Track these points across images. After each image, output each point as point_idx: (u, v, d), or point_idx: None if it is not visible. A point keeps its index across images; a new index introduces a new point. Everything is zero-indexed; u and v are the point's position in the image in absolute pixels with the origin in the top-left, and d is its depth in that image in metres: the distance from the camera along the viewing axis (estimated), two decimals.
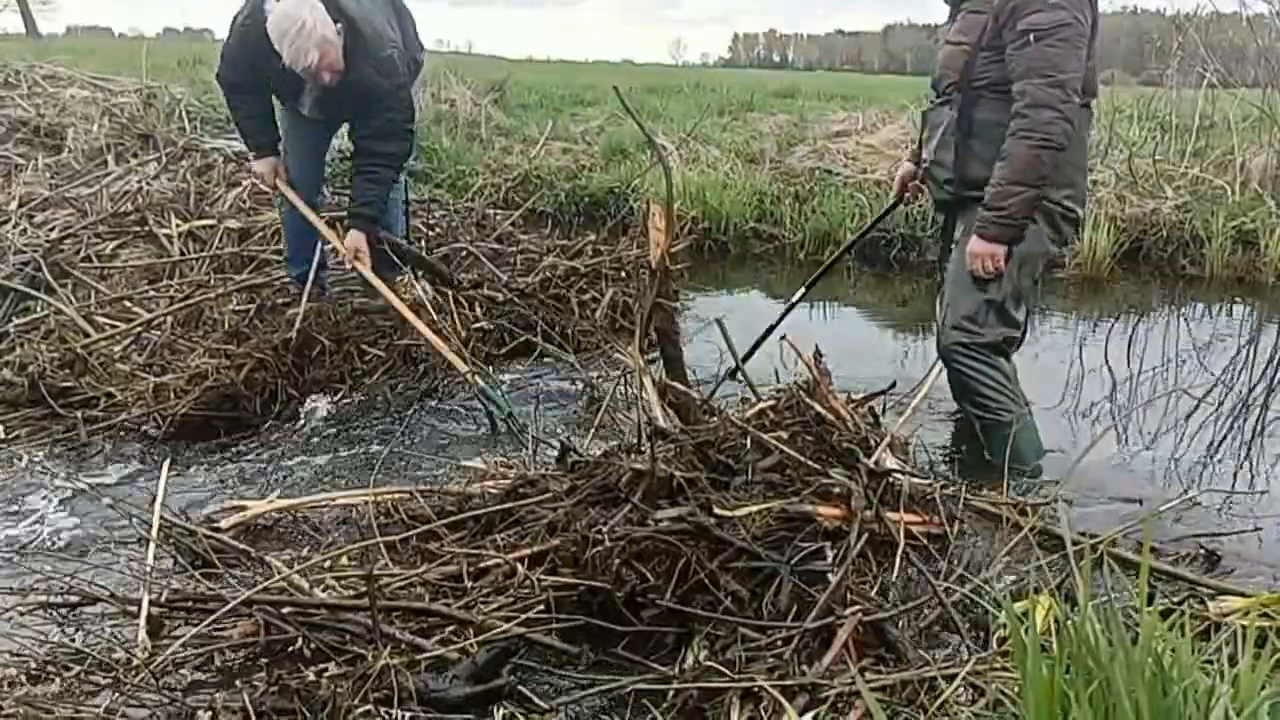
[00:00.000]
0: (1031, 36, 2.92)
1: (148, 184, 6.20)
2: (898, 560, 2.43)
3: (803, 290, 4.03)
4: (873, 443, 2.92)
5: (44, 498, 3.07)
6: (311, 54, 3.81)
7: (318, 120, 4.42)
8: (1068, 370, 4.68)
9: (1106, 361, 4.81)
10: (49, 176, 6.49)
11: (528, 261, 5.46)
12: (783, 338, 3.46)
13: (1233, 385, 4.60)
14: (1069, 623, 1.33)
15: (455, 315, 4.62)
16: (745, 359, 3.69)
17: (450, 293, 4.75)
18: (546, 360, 4.49)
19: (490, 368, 4.37)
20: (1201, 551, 2.65)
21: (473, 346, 4.44)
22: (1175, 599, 2.21)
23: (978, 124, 3.15)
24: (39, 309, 4.62)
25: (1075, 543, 2.09)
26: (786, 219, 7.45)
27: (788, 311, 3.99)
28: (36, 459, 3.38)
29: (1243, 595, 2.26)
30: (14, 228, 5.56)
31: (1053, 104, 2.93)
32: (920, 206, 6.88)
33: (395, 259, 4.63)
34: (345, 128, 4.59)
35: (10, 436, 3.65)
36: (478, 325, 4.61)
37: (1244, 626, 1.90)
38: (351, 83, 4.03)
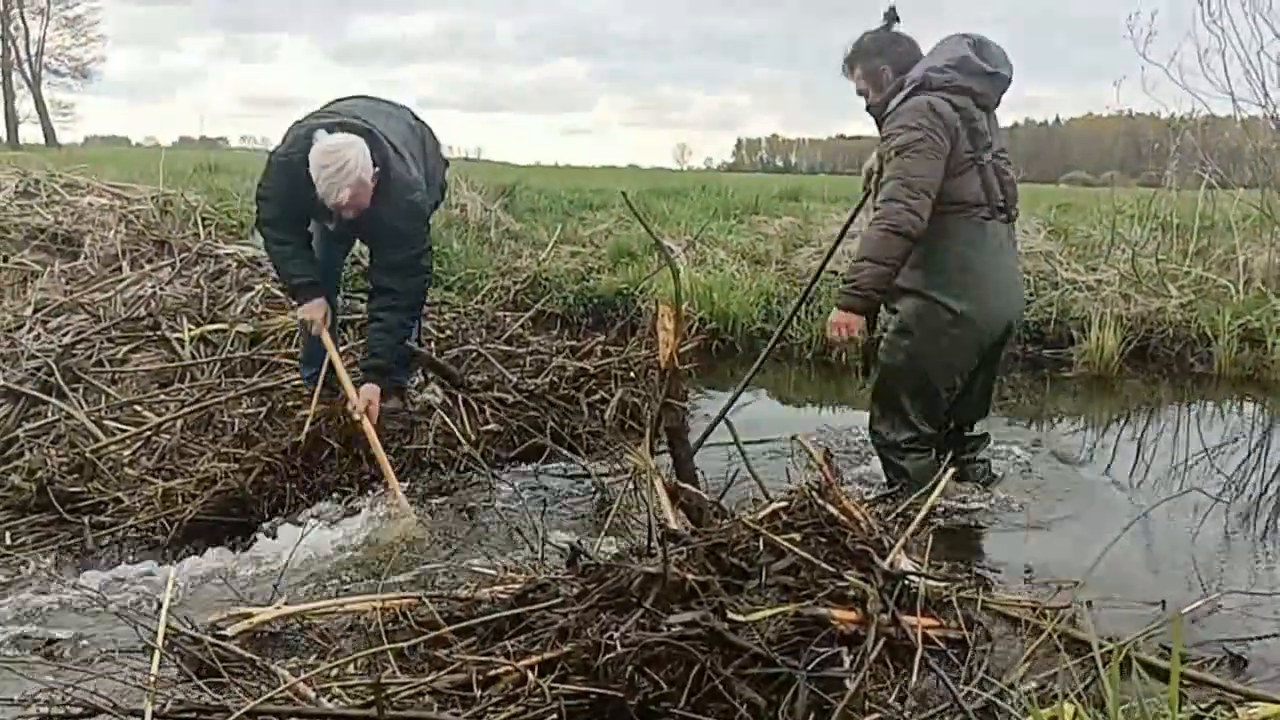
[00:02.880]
0: (893, 152, 3.62)
1: (161, 289, 6.28)
2: (916, 666, 2.38)
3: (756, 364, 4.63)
4: (887, 544, 2.88)
5: (48, 605, 3.03)
6: (344, 193, 3.90)
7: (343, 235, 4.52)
8: (1081, 469, 4.64)
9: (1118, 461, 4.78)
10: (64, 282, 6.60)
11: (537, 363, 5.49)
12: (793, 437, 3.45)
13: (1245, 483, 4.56)
14: None
15: (465, 417, 4.63)
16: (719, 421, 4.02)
17: (460, 394, 4.77)
18: (556, 461, 4.48)
19: (501, 469, 4.36)
20: (1227, 656, 2.59)
21: (483, 449, 4.44)
22: (1202, 705, 2.15)
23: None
24: (50, 413, 4.64)
25: (1100, 647, 2.05)
26: (794, 319, 7.50)
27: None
28: (43, 565, 3.35)
29: (1273, 701, 2.20)
30: (28, 333, 5.63)
31: (900, 198, 3.57)
32: None
33: (406, 361, 4.66)
34: None
35: (17, 543, 3.62)
36: (488, 428, 4.61)
37: None
38: (375, 219, 4.12)
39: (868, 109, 3.96)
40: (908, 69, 3.80)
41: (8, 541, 3.62)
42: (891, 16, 3.96)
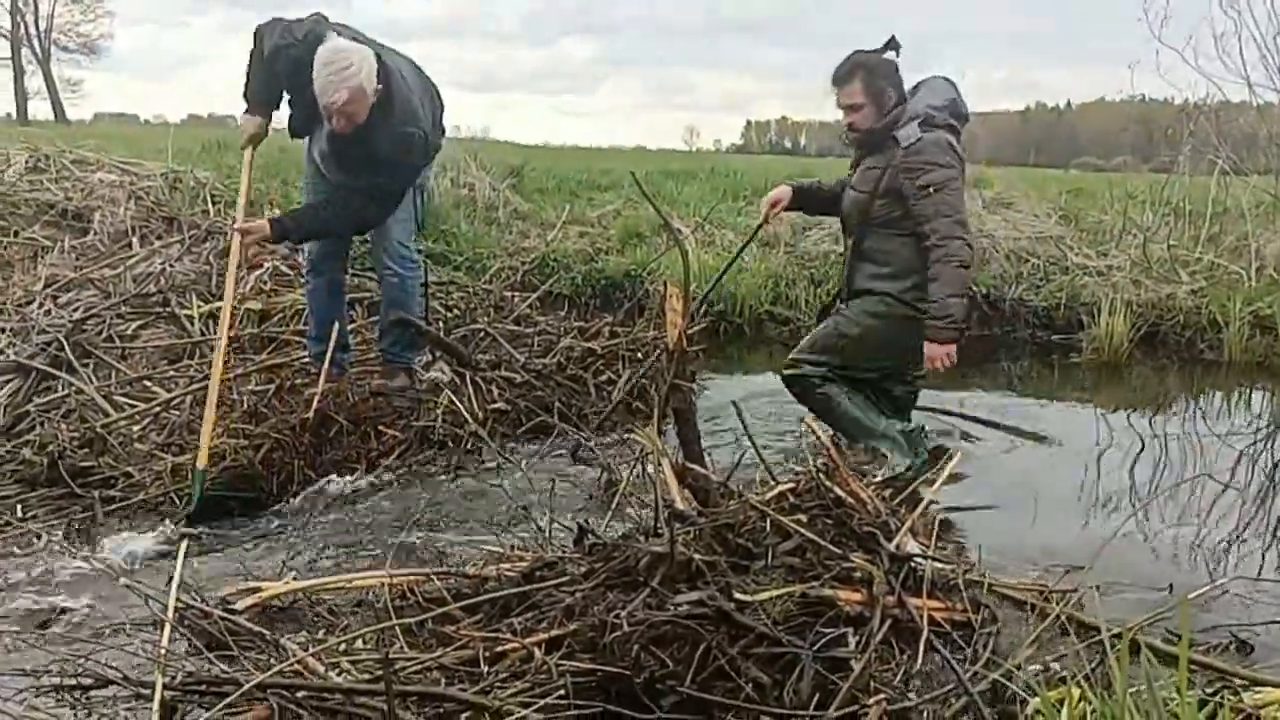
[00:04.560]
0: (932, 189, 3.87)
1: (170, 265, 6.29)
2: (921, 647, 2.38)
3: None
4: (894, 526, 2.89)
5: (60, 578, 3.05)
6: (340, 94, 3.85)
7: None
8: (1089, 454, 4.64)
9: (1126, 446, 4.77)
10: (74, 258, 6.61)
11: (545, 343, 5.49)
12: (802, 419, 3.45)
13: (1254, 469, 4.55)
14: (1105, 714, 1.29)
15: (473, 396, 4.64)
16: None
17: (468, 373, 4.78)
18: (562, 441, 4.49)
19: (509, 446, 4.38)
20: (1234, 641, 2.59)
21: (490, 428, 4.45)
22: (1209, 690, 2.15)
23: (866, 249, 4.15)
24: (60, 388, 4.66)
25: (1102, 630, 2.05)
26: (801, 302, 7.50)
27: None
28: (54, 538, 3.37)
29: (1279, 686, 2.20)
30: (39, 308, 5.64)
31: (959, 235, 3.89)
32: None
33: (415, 339, 4.67)
34: None
35: (28, 516, 3.64)
36: (495, 406, 4.62)
37: None
38: (366, 142, 4.07)
39: (855, 131, 4.08)
40: (903, 101, 4.01)
41: (19, 514, 3.63)
42: (894, 45, 4.06)
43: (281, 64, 4.12)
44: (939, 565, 2.72)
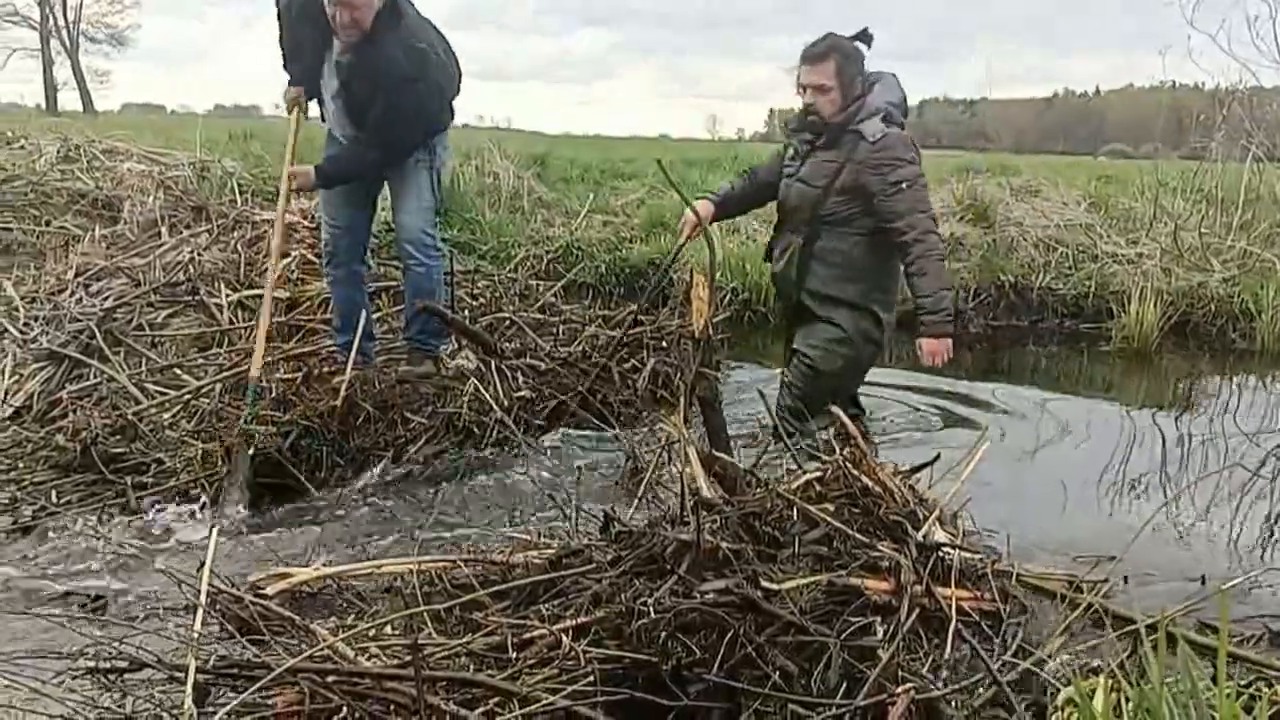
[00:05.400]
0: (904, 184, 3.80)
1: (199, 254, 6.33)
2: (949, 637, 2.37)
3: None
4: (921, 516, 2.87)
5: (94, 563, 3.09)
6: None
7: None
8: (1118, 444, 4.60)
9: (1156, 435, 4.73)
10: (105, 247, 6.67)
11: (570, 331, 5.50)
12: (828, 409, 3.45)
13: None
14: (1140, 706, 1.28)
15: (498, 384, 4.65)
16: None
17: (493, 361, 4.79)
18: (588, 428, 4.49)
19: (533, 435, 4.39)
20: (1267, 632, 2.56)
21: (515, 415, 4.46)
22: (1242, 682, 2.13)
23: (819, 250, 4.01)
24: (92, 376, 4.71)
25: (1137, 621, 2.03)
26: None
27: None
28: (88, 523, 3.41)
29: None
30: (70, 296, 5.70)
31: (933, 229, 3.86)
32: (961, 279, 6.86)
33: (441, 327, 4.69)
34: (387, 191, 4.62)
35: (62, 502, 3.69)
36: (520, 394, 4.63)
37: None
38: (374, 63, 4.07)
39: (815, 116, 3.94)
40: (864, 95, 3.93)
41: (54, 500, 3.68)
42: (866, 37, 4.00)
43: (295, 10, 4.21)
44: (967, 554, 2.70)
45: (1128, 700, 1.43)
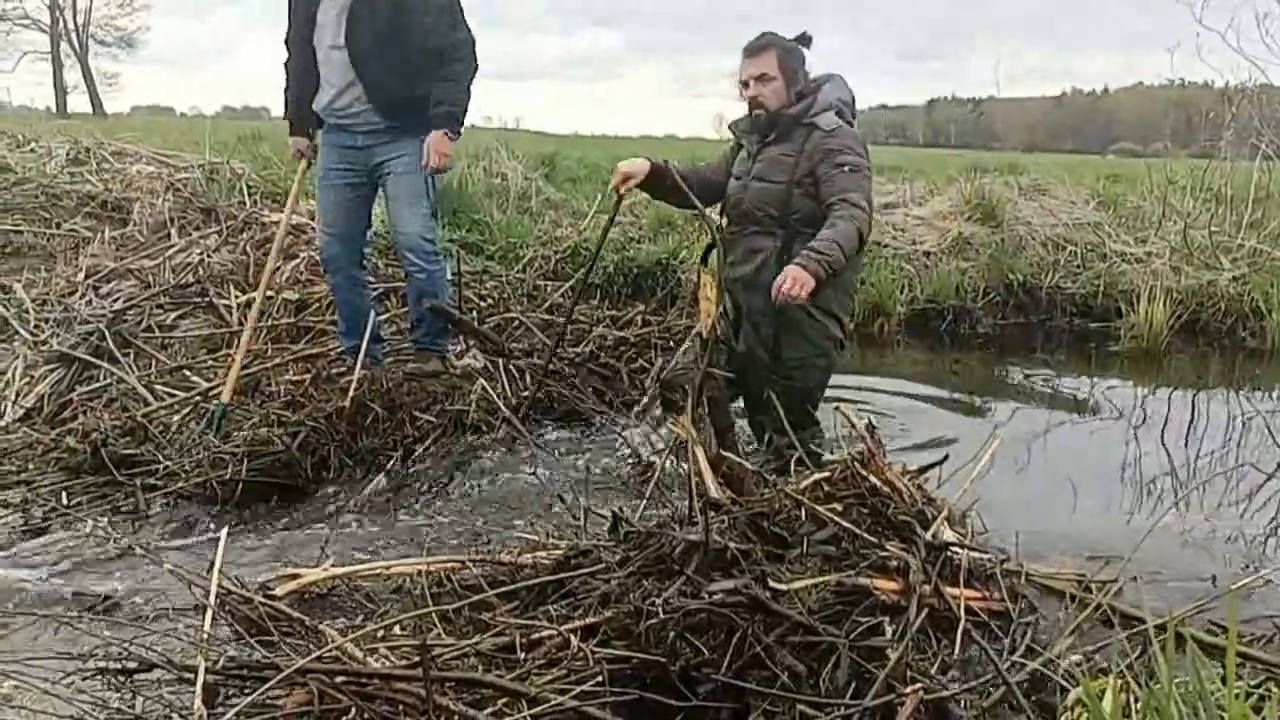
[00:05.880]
0: (847, 168, 3.72)
1: (209, 256, 6.36)
2: (959, 637, 2.37)
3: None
4: (929, 515, 2.87)
5: (104, 564, 3.10)
6: None
7: (353, 146, 4.40)
8: (1127, 444, 4.58)
9: (1166, 435, 4.72)
10: (115, 249, 6.70)
11: (577, 331, 5.50)
12: (836, 407, 3.44)
13: None
14: (1149, 706, 1.28)
15: (506, 384, 4.65)
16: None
17: (501, 361, 4.80)
18: (595, 429, 4.49)
19: (540, 434, 4.39)
20: (1276, 632, 2.55)
21: (523, 415, 4.46)
22: (1252, 682, 2.12)
23: (796, 255, 3.67)
24: (102, 377, 4.73)
25: (1146, 621, 2.03)
26: None
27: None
28: (99, 524, 3.43)
29: None
30: (80, 298, 5.73)
31: (866, 208, 3.70)
32: (969, 278, 6.84)
33: (447, 327, 4.70)
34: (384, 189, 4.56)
35: (73, 503, 3.71)
36: (527, 394, 4.64)
37: None
38: None
39: (760, 109, 3.87)
40: (813, 92, 3.87)
41: (65, 501, 3.70)
42: (806, 39, 3.98)
43: None
44: (976, 554, 2.69)
45: (1137, 700, 1.42)
